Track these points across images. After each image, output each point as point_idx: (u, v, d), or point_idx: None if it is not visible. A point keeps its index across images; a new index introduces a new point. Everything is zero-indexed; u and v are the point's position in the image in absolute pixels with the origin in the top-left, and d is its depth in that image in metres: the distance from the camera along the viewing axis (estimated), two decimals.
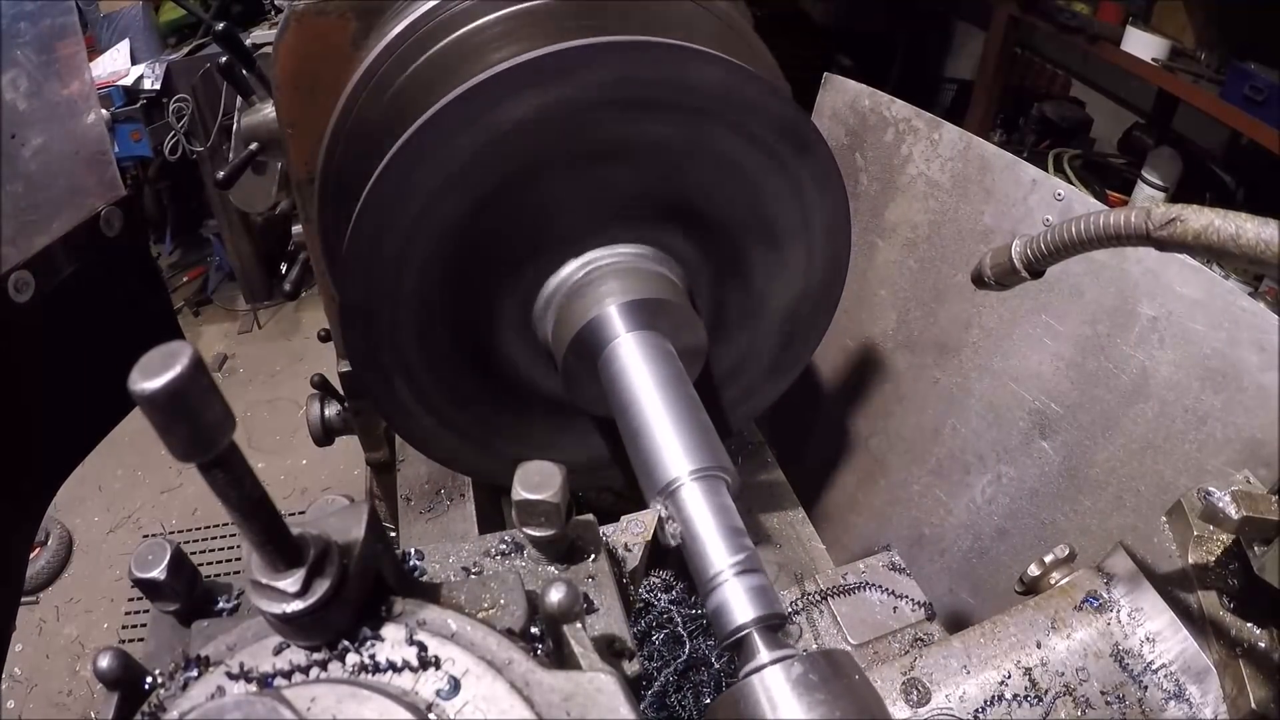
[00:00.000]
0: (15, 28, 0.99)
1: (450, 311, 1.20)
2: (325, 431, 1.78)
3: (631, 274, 1.17)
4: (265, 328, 5.55)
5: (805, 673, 0.72)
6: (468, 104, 1.01)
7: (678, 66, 1.06)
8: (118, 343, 1.09)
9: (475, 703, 0.54)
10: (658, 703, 1.37)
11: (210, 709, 0.45)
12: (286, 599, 0.53)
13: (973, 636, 1.06)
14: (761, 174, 1.17)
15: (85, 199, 1.09)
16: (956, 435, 1.77)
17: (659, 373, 1.07)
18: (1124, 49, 3.77)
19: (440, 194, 1.07)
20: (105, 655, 0.60)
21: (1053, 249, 0.86)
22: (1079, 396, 1.52)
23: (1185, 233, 0.68)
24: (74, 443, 1.13)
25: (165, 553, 0.63)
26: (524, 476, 0.69)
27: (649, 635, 1.39)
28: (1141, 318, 1.40)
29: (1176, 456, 1.34)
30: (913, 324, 1.89)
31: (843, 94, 2.01)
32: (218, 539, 4.05)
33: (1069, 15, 3.95)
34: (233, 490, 0.49)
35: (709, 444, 0.99)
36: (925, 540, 1.84)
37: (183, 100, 4.55)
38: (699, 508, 0.91)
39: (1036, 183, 1.59)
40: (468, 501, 1.52)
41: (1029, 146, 4.48)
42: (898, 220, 1.91)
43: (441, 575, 0.73)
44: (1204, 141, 4.12)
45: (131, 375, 0.42)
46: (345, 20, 1.28)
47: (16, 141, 0.99)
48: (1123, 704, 1.00)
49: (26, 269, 0.99)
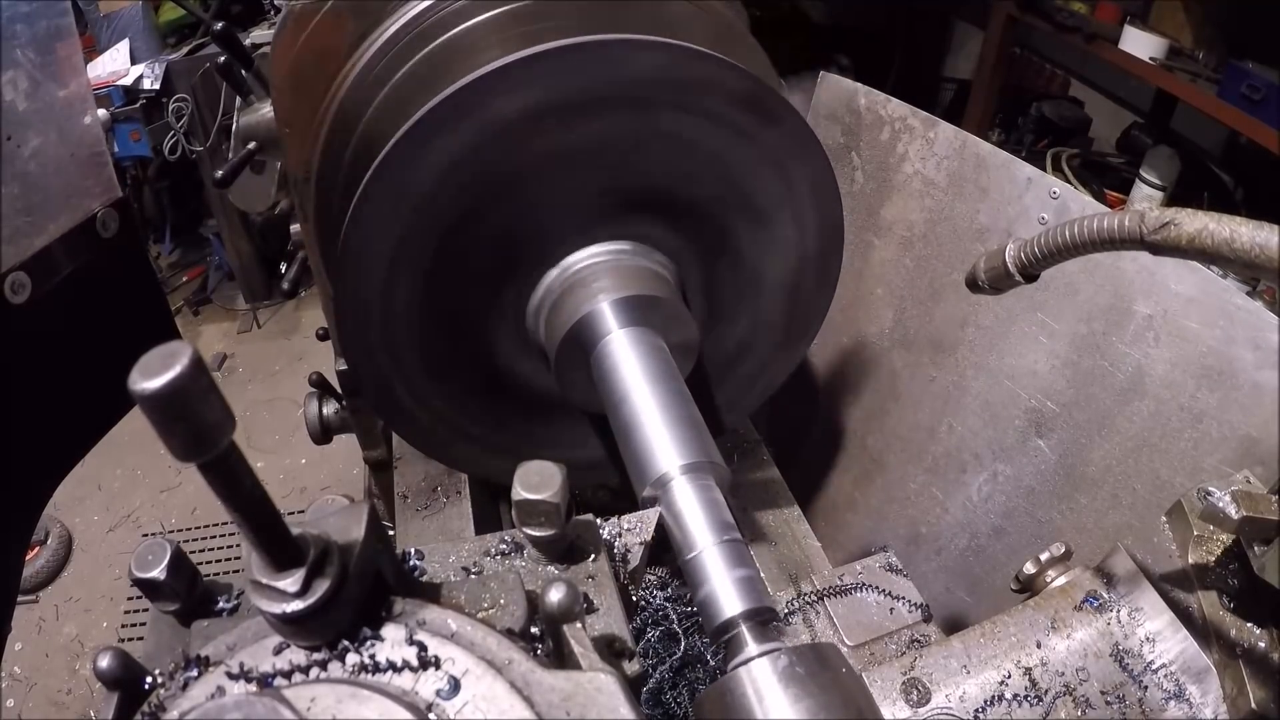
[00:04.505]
0: (12, 29, 0.99)
1: (445, 311, 1.20)
2: (323, 430, 1.78)
3: (621, 271, 1.17)
4: (265, 327, 5.54)
5: (792, 665, 0.72)
6: (454, 104, 1.02)
7: (615, 63, 1.06)
8: (114, 344, 1.09)
9: (475, 703, 0.55)
10: (653, 699, 1.38)
11: (210, 709, 0.45)
12: (286, 599, 0.53)
13: (973, 636, 1.06)
14: (729, 150, 1.16)
15: (82, 200, 1.09)
16: (953, 434, 1.78)
17: (650, 368, 1.08)
18: (1122, 48, 3.77)
19: (431, 195, 1.08)
20: (105, 655, 0.60)
21: (1046, 253, 0.86)
22: (1075, 395, 1.52)
23: (1179, 237, 0.68)
24: (71, 443, 1.13)
25: (165, 552, 0.63)
26: (524, 476, 0.69)
27: (644, 632, 1.40)
28: (1137, 316, 1.40)
29: (1172, 455, 1.34)
30: (909, 322, 1.89)
31: (838, 93, 2.01)
32: (217, 539, 4.05)
33: (1067, 15, 3.95)
34: (233, 490, 0.49)
35: (700, 439, 0.99)
36: (922, 539, 1.85)
37: (182, 100, 4.55)
38: (688, 502, 0.91)
39: (1032, 181, 1.59)
40: (464, 499, 1.52)
41: (1027, 146, 4.48)
42: (894, 219, 1.91)
43: (441, 575, 0.73)
44: (1202, 141, 4.13)
45: (131, 375, 0.42)
46: (343, 20, 1.28)
47: (13, 143, 0.99)
48: (1123, 704, 1.00)
49: (23, 270, 0.99)
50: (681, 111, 1.12)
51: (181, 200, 5.86)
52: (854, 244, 1.97)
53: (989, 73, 4.54)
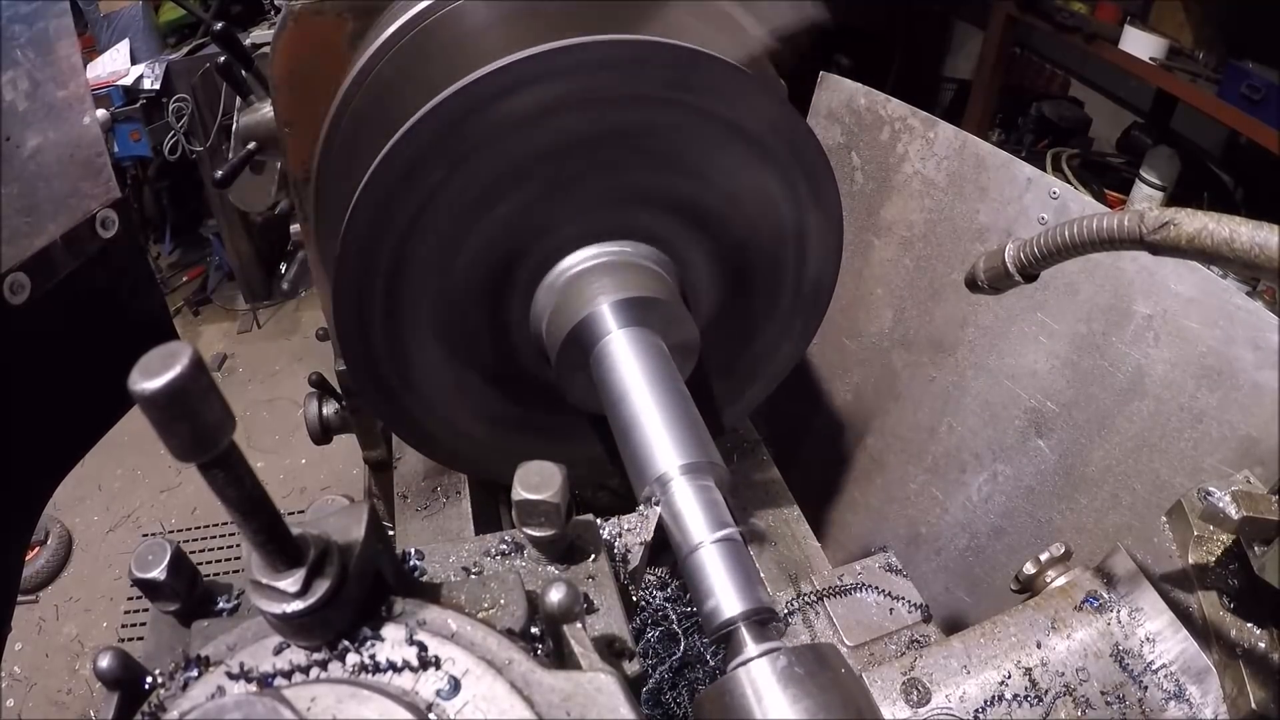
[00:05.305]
0: (11, 29, 0.98)
1: (445, 310, 1.20)
2: (323, 430, 1.79)
3: (621, 271, 1.17)
4: (265, 327, 5.54)
5: (791, 665, 0.72)
6: (459, 101, 1.02)
7: (619, 62, 1.06)
8: (113, 344, 1.09)
9: (475, 703, 0.55)
10: (653, 700, 1.38)
11: (210, 709, 0.45)
12: (286, 599, 0.53)
13: (973, 636, 1.06)
14: (730, 151, 1.17)
15: (81, 201, 1.09)
16: (953, 434, 1.78)
17: (649, 369, 1.08)
18: (1122, 48, 3.77)
19: (433, 192, 1.08)
20: (105, 655, 0.60)
21: (1046, 253, 0.86)
22: (1074, 395, 1.52)
23: (1179, 237, 0.68)
24: (70, 443, 1.13)
25: (165, 553, 0.63)
26: (524, 476, 0.69)
27: (644, 632, 1.40)
28: (1137, 316, 1.41)
29: (1172, 454, 1.34)
30: (909, 322, 1.89)
31: (838, 93, 2.01)
32: (217, 539, 4.04)
33: (1067, 15, 3.95)
34: (233, 490, 0.49)
35: (699, 439, 0.99)
36: (922, 539, 1.85)
37: (182, 100, 4.55)
38: (688, 502, 0.91)
39: (1032, 181, 1.59)
40: (464, 499, 1.53)
41: (1027, 146, 4.48)
42: (894, 219, 1.91)
43: (441, 575, 0.73)
44: (1202, 141, 4.13)
45: (132, 375, 0.42)
46: (342, 20, 1.28)
47: (12, 143, 0.99)
48: (1123, 704, 1.00)
49: (22, 271, 0.99)
50: (682, 110, 1.12)
51: (181, 200, 5.85)
52: (854, 244, 1.97)
53: (989, 73, 4.54)
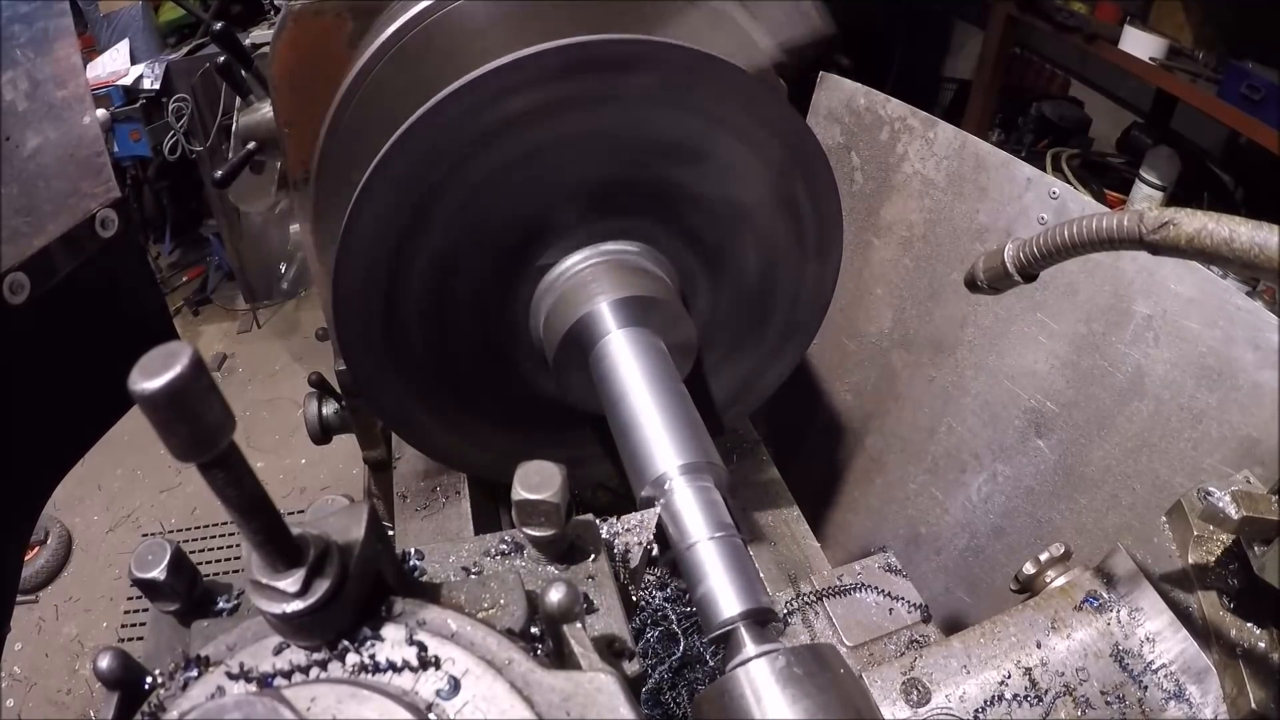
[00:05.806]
0: (11, 29, 0.98)
1: (445, 310, 1.20)
2: (323, 430, 1.78)
3: (620, 272, 1.17)
4: (265, 327, 5.54)
5: (790, 665, 0.72)
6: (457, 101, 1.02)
7: (617, 62, 1.06)
8: (113, 344, 1.09)
9: (475, 703, 0.55)
10: (652, 700, 1.38)
11: (210, 709, 0.45)
12: (286, 599, 0.53)
13: (973, 636, 1.06)
14: (730, 151, 1.17)
15: (81, 200, 1.09)
16: (952, 434, 1.78)
17: (648, 369, 1.08)
18: (1122, 48, 3.77)
19: (433, 191, 1.08)
20: (105, 655, 0.60)
21: (1045, 252, 0.86)
22: (1074, 395, 1.52)
23: (1178, 237, 0.68)
24: (69, 443, 1.13)
25: (165, 553, 0.63)
26: (524, 476, 0.69)
27: (644, 632, 1.40)
28: (1136, 316, 1.41)
29: (1172, 455, 1.34)
30: (909, 322, 1.89)
31: (838, 93, 2.01)
32: (217, 539, 4.04)
33: (1067, 15, 3.95)
34: (233, 490, 0.49)
35: (698, 439, 0.99)
36: (921, 539, 1.85)
37: (182, 100, 4.54)
38: (687, 502, 0.91)
39: (1031, 181, 1.59)
40: (463, 499, 1.52)
41: (1027, 146, 4.48)
42: (893, 219, 1.91)
43: (441, 575, 0.73)
44: (1202, 141, 4.13)
45: (132, 375, 0.42)
46: (342, 20, 1.28)
47: (12, 143, 0.99)
48: (1123, 704, 1.00)
49: (22, 270, 0.99)
50: (681, 110, 1.12)
51: (181, 200, 5.85)
52: (854, 244, 1.97)
53: (989, 73, 4.54)
